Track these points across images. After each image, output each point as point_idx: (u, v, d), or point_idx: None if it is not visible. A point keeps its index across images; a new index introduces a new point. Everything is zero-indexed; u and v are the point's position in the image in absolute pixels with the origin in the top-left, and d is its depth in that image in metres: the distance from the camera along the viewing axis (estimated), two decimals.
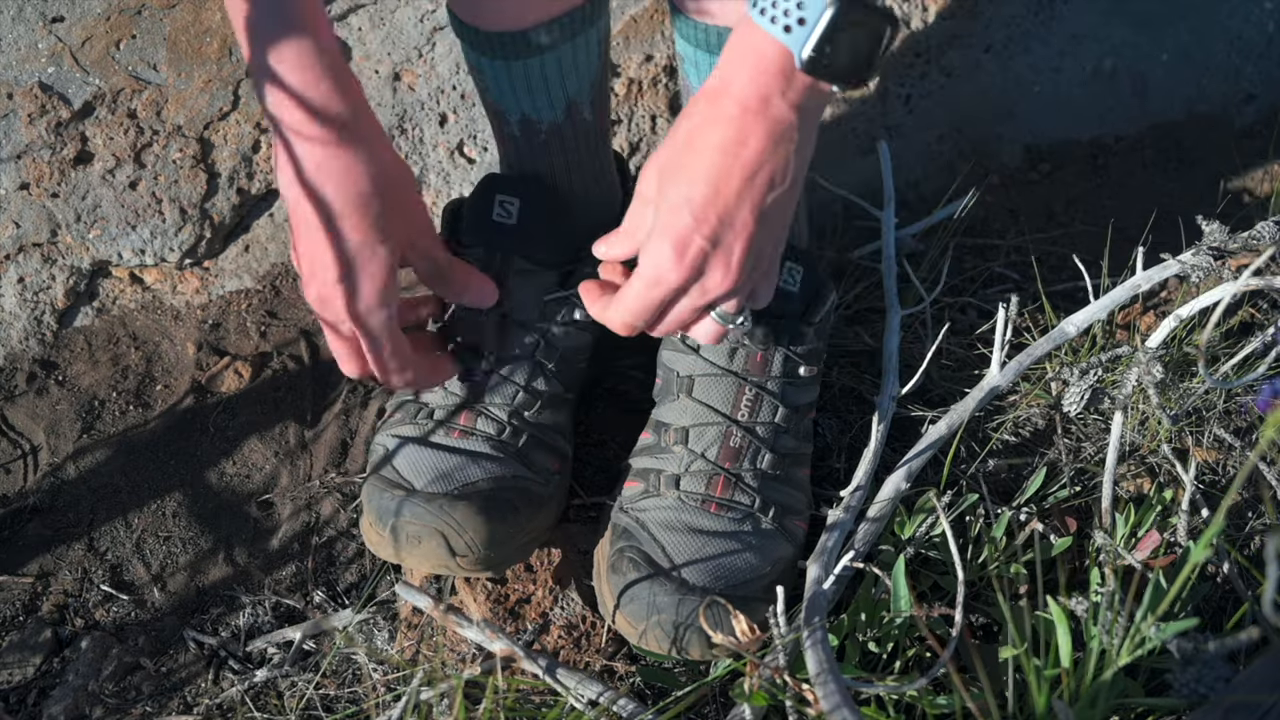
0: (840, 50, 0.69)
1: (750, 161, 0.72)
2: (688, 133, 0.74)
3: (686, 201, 0.73)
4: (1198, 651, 0.75)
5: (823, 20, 0.68)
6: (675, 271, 0.75)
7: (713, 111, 0.73)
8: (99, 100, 1.20)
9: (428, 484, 0.92)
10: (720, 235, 0.74)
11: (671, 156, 0.75)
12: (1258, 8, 1.50)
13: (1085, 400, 1.05)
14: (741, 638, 0.87)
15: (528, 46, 0.91)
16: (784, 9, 0.69)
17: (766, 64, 0.71)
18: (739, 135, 0.72)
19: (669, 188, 0.74)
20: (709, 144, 0.73)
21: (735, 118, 0.72)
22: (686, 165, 0.73)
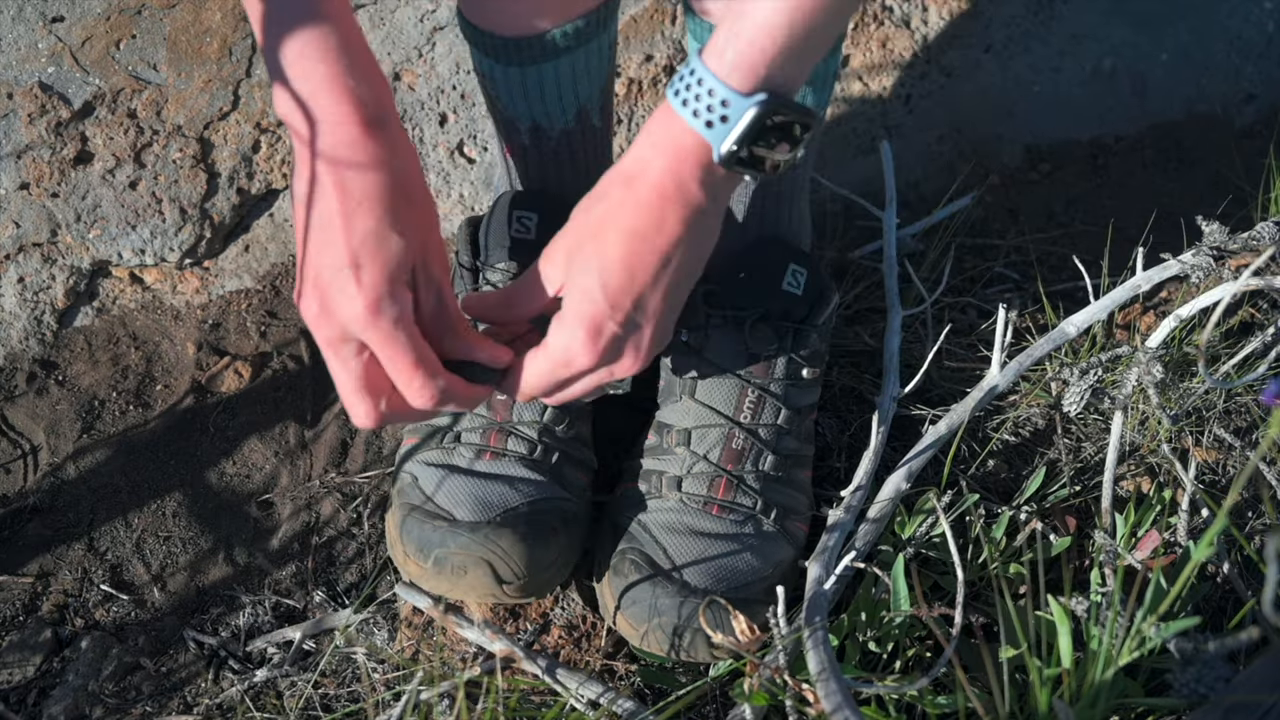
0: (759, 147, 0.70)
1: (665, 247, 0.73)
2: (601, 216, 0.74)
3: (602, 287, 0.73)
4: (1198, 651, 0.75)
5: (745, 119, 0.69)
6: (587, 355, 0.75)
7: (628, 196, 0.73)
8: (99, 100, 1.20)
9: (468, 513, 0.92)
10: (633, 320, 0.75)
11: (583, 239, 0.74)
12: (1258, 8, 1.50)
13: (1085, 400, 1.05)
14: (741, 638, 0.87)
15: (542, 52, 0.90)
16: (706, 104, 0.69)
17: (685, 154, 0.71)
18: (655, 221, 0.72)
19: (580, 273, 0.74)
20: (623, 228, 0.73)
21: (652, 204, 0.72)
22: (600, 249, 0.73)
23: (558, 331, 0.76)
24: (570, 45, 0.90)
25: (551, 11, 0.88)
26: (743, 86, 0.68)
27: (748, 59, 0.67)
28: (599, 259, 0.73)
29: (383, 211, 0.71)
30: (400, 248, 0.72)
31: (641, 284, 0.74)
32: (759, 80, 0.68)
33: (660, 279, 0.74)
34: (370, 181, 0.71)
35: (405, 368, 0.73)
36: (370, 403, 0.74)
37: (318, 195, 0.71)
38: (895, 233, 1.22)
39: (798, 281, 0.98)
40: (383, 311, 0.71)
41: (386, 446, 1.13)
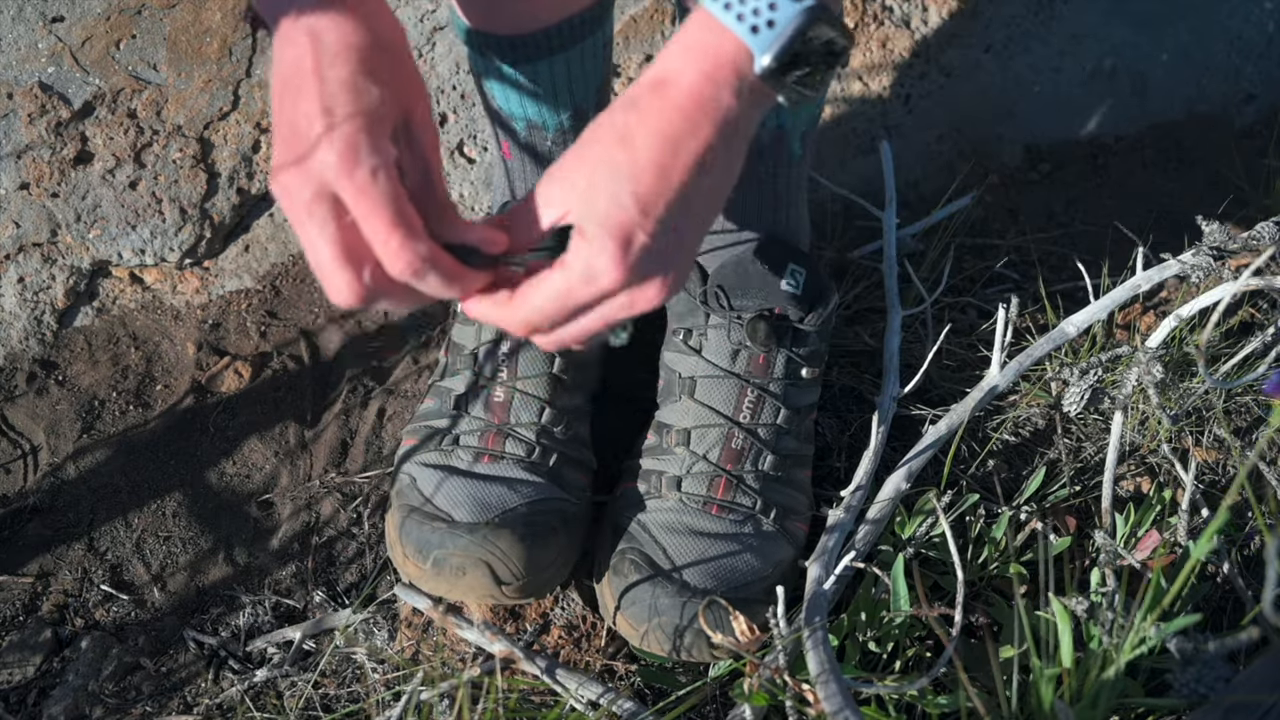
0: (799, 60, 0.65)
1: (701, 152, 0.66)
2: (628, 122, 0.66)
3: (632, 193, 0.65)
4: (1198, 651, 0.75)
5: (791, 26, 0.64)
6: (615, 270, 0.65)
7: (659, 101, 0.66)
8: (99, 100, 1.20)
9: (467, 514, 0.92)
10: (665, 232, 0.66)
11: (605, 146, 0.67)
12: (1258, 8, 1.50)
13: (1085, 400, 1.05)
14: (741, 638, 0.87)
15: (536, 50, 0.90)
16: (753, 7, 0.64)
17: (723, 60, 0.65)
18: (690, 126, 0.65)
19: (606, 179, 0.66)
20: (655, 131, 0.65)
21: (686, 109, 0.65)
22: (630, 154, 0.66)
23: (580, 245, 0.66)
24: (565, 44, 0.90)
25: (546, 10, 0.88)
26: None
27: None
28: (629, 164, 0.65)
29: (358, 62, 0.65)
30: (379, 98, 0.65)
31: (676, 190, 0.65)
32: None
33: (695, 189, 0.66)
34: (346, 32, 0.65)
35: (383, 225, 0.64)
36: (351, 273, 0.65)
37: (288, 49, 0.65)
38: (895, 233, 1.22)
39: (797, 281, 0.98)
40: (360, 160, 0.63)
41: (386, 447, 1.13)
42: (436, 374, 1.04)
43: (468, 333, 1.01)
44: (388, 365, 1.19)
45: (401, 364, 1.19)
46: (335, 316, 1.23)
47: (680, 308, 1.02)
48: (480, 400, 0.98)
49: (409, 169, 0.67)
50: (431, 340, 1.21)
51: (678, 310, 1.02)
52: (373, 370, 1.19)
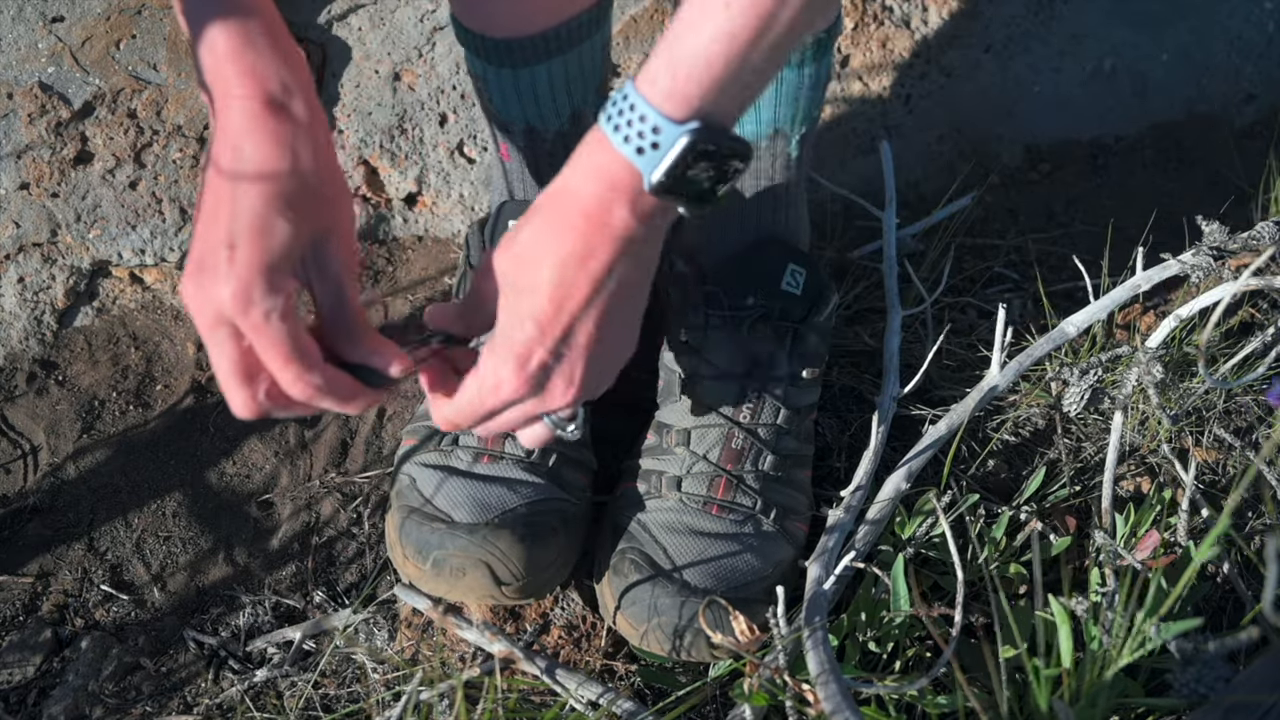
0: (690, 177, 0.67)
1: (597, 274, 0.70)
2: (531, 239, 0.71)
3: (530, 314, 0.71)
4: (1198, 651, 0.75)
5: (676, 147, 0.66)
6: (514, 383, 0.72)
7: (556, 220, 0.70)
8: (99, 100, 1.20)
9: (467, 515, 0.92)
10: (564, 349, 0.72)
11: (513, 264, 0.72)
12: (1258, 8, 1.50)
13: (1085, 400, 1.05)
14: (741, 638, 0.87)
15: (534, 53, 0.90)
16: (638, 130, 0.66)
17: (615, 181, 0.68)
18: (585, 248, 0.69)
19: (512, 296, 0.72)
20: (551, 254, 0.70)
21: (581, 230, 0.69)
22: (531, 275, 0.71)
23: (488, 358, 0.73)
24: (563, 47, 0.90)
25: (543, 13, 0.88)
26: (675, 114, 0.65)
27: (682, 87, 0.65)
28: (529, 285, 0.70)
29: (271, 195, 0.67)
30: (285, 234, 0.67)
31: (571, 313, 0.71)
32: (692, 109, 0.65)
33: (591, 308, 0.71)
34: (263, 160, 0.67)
35: (277, 359, 0.68)
36: (247, 392, 0.70)
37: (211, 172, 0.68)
38: (895, 233, 1.22)
39: (797, 281, 0.98)
40: (253, 300, 0.66)
41: (386, 447, 1.13)
42: None
43: None
44: None
45: None
46: None
47: (680, 308, 1.02)
48: None
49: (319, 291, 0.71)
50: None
51: (678, 310, 1.02)
52: None
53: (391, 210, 1.31)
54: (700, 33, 0.64)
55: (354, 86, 1.28)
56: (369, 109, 1.27)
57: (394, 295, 1.25)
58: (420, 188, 1.30)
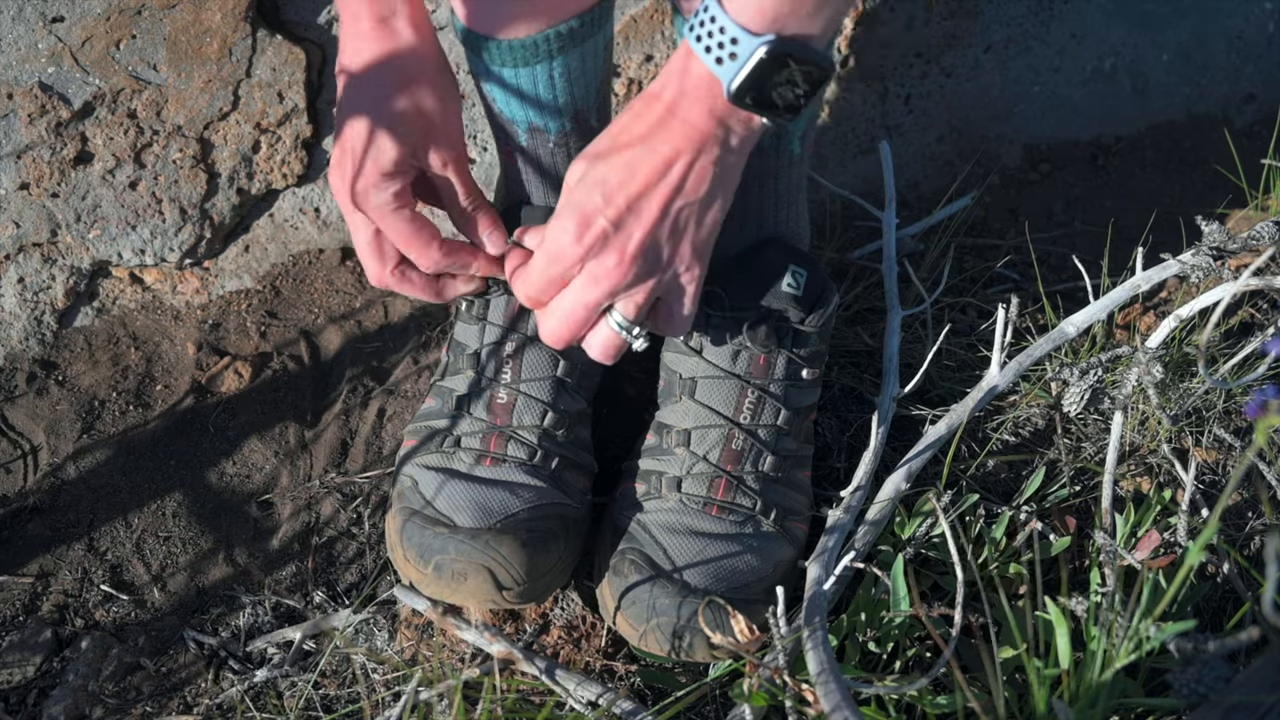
0: (767, 89, 0.72)
1: (668, 157, 0.75)
2: (619, 126, 0.78)
3: (600, 183, 0.77)
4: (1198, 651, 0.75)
5: (753, 59, 0.70)
6: (573, 247, 0.77)
7: (645, 110, 0.77)
8: (99, 100, 1.20)
9: (469, 519, 0.92)
10: (623, 220, 0.76)
11: (600, 144, 0.79)
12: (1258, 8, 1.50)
13: (1085, 400, 1.05)
14: (741, 638, 0.87)
15: (535, 54, 0.90)
16: (718, 40, 0.71)
17: (698, 83, 0.74)
18: (662, 135, 0.75)
19: (590, 169, 0.78)
20: (634, 136, 0.76)
21: (662, 119, 0.75)
22: (610, 152, 0.77)
23: (554, 222, 0.79)
24: (564, 47, 0.90)
25: (544, 13, 0.88)
26: (753, 25, 0.69)
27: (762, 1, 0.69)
28: (605, 159, 0.77)
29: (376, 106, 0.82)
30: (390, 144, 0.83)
31: (639, 186, 0.76)
32: (768, 22, 0.69)
33: (658, 188, 0.76)
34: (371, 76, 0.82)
35: (400, 239, 0.86)
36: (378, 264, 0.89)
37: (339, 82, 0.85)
38: (895, 233, 1.22)
39: (797, 282, 0.98)
40: (370, 197, 0.84)
41: (386, 447, 1.13)
42: (437, 373, 1.04)
43: (470, 332, 1.00)
44: (388, 365, 1.19)
45: (402, 364, 1.19)
46: (335, 316, 1.24)
47: None
48: (482, 401, 0.98)
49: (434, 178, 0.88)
50: (431, 340, 1.21)
51: None
52: (373, 370, 1.19)
53: None
54: None
55: None
56: None
57: (394, 295, 1.25)
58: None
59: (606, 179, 0.76)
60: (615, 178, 0.76)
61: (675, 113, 0.75)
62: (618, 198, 0.76)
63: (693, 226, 0.79)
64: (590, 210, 0.77)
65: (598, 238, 0.77)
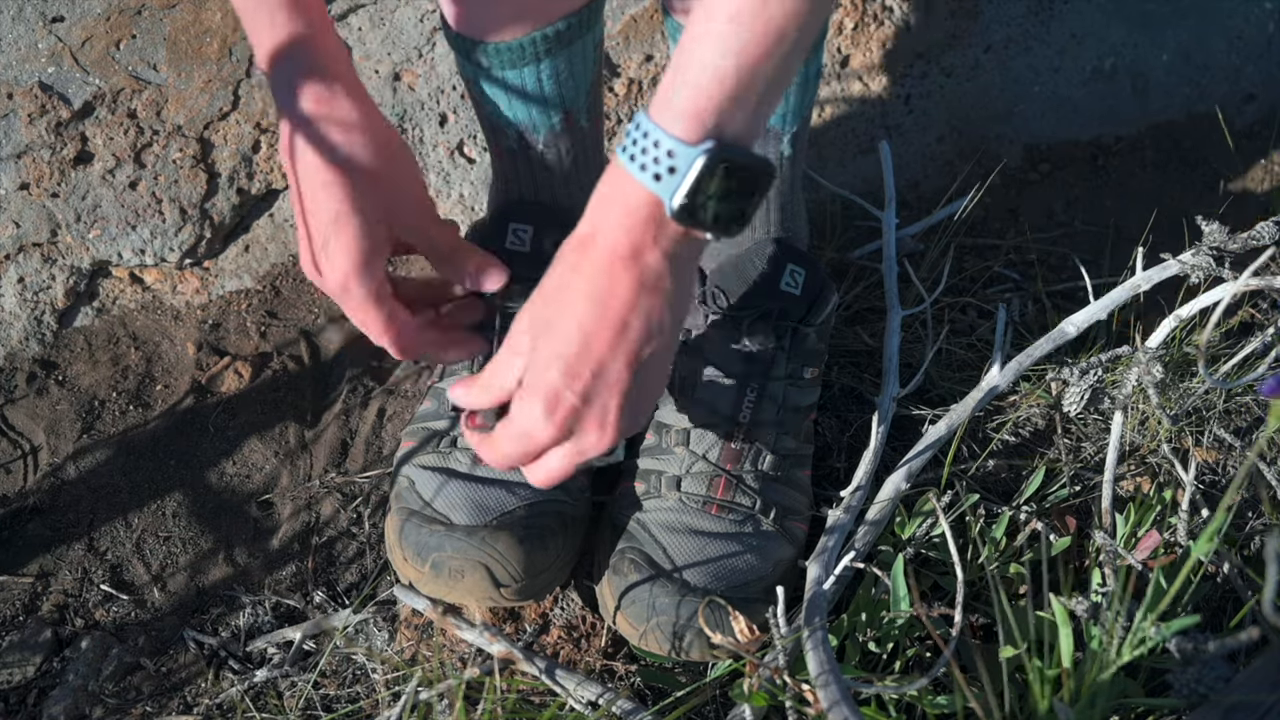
0: (712, 200, 0.67)
1: (622, 313, 0.69)
2: (557, 282, 0.72)
3: (557, 357, 0.70)
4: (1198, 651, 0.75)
5: (694, 169, 0.65)
6: (546, 429, 0.72)
7: (581, 260, 0.70)
8: (99, 100, 1.20)
9: (465, 517, 0.92)
10: (593, 392, 0.71)
11: (541, 308, 0.72)
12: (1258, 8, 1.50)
13: (1085, 400, 1.05)
14: (741, 638, 0.87)
15: (523, 56, 0.90)
16: (653, 156, 0.66)
17: (636, 212, 0.68)
18: (609, 286, 0.69)
19: (539, 341, 0.72)
20: (578, 295, 0.70)
21: (604, 268, 0.69)
22: (556, 318, 0.71)
23: (518, 403, 0.73)
24: (551, 49, 0.90)
25: (531, 15, 0.88)
26: (689, 136, 0.65)
27: (693, 106, 0.64)
28: (555, 327, 0.71)
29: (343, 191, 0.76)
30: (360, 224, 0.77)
31: (599, 353, 0.70)
32: (706, 129, 0.65)
33: (620, 347, 0.70)
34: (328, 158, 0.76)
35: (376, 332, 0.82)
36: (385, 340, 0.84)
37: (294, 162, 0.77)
38: (895, 233, 1.22)
39: (796, 281, 0.98)
40: (350, 291, 0.79)
41: (386, 447, 1.13)
42: (435, 375, 1.04)
43: None
44: (388, 365, 1.19)
45: (401, 364, 1.19)
46: (335, 316, 1.24)
47: None
48: None
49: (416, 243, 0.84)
50: None
51: None
52: (373, 370, 1.19)
53: None
54: (708, 51, 0.64)
55: None
56: None
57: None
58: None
59: (563, 353, 0.70)
60: (571, 349, 0.70)
61: (617, 256, 0.69)
62: (580, 370, 0.70)
63: (658, 364, 0.74)
64: (554, 388, 0.71)
65: (568, 414, 0.72)
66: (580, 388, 0.71)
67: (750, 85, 0.64)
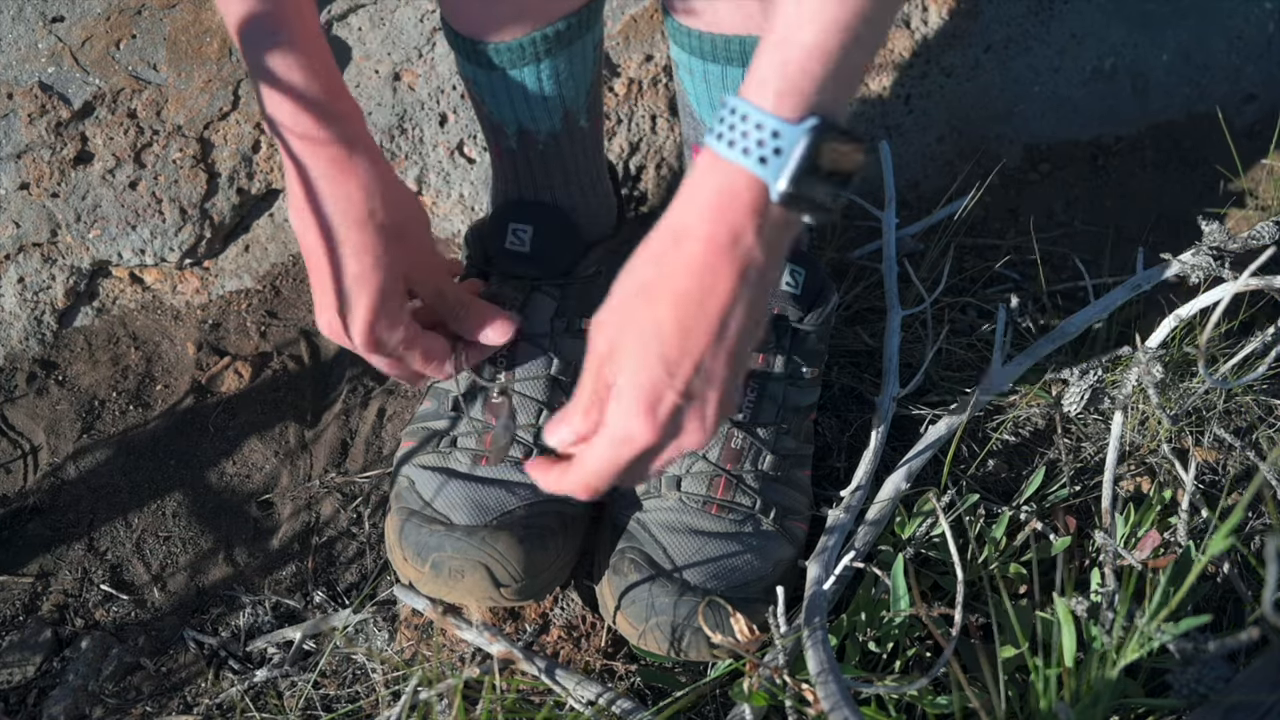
0: (818, 181, 0.64)
1: (722, 309, 0.67)
2: (647, 280, 0.68)
3: (659, 356, 0.67)
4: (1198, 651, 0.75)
5: (800, 147, 0.63)
6: (647, 431, 0.68)
7: (674, 255, 0.67)
8: (99, 100, 1.20)
9: (465, 517, 0.92)
10: (694, 389, 0.68)
11: (630, 306, 0.69)
12: (1258, 8, 1.50)
13: (1085, 400, 1.05)
14: (741, 638, 0.87)
15: (523, 56, 0.90)
16: (756, 139, 0.63)
17: (736, 199, 0.65)
18: (709, 281, 0.66)
19: (633, 342, 0.68)
20: (676, 291, 0.67)
21: (702, 261, 0.66)
22: (650, 316, 0.67)
23: (614, 408, 0.69)
24: (551, 49, 0.90)
25: (531, 16, 0.88)
26: (792, 114, 0.63)
27: (797, 85, 0.63)
28: (654, 326, 0.67)
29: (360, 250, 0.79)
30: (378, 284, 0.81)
31: (700, 349, 0.67)
32: (809, 106, 0.63)
33: (721, 342, 0.67)
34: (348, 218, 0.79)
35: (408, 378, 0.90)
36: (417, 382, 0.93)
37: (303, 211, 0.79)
38: (895, 233, 1.22)
39: (796, 281, 0.98)
40: (376, 348, 0.84)
41: (386, 447, 1.13)
42: None
43: None
44: None
45: None
46: None
47: None
48: (478, 401, 0.98)
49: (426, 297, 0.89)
50: None
51: None
52: (373, 370, 1.19)
53: None
54: (808, 27, 0.62)
55: (354, 86, 1.28)
56: (369, 109, 1.27)
57: None
58: (420, 188, 1.30)
59: (663, 350, 0.67)
60: (671, 347, 0.67)
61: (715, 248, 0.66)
62: (681, 366, 0.67)
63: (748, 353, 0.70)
64: (656, 388, 0.67)
65: (670, 413, 0.68)
66: (681, 385, 0.68)
67: (849, 59, 0.63)
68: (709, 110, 0.95)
